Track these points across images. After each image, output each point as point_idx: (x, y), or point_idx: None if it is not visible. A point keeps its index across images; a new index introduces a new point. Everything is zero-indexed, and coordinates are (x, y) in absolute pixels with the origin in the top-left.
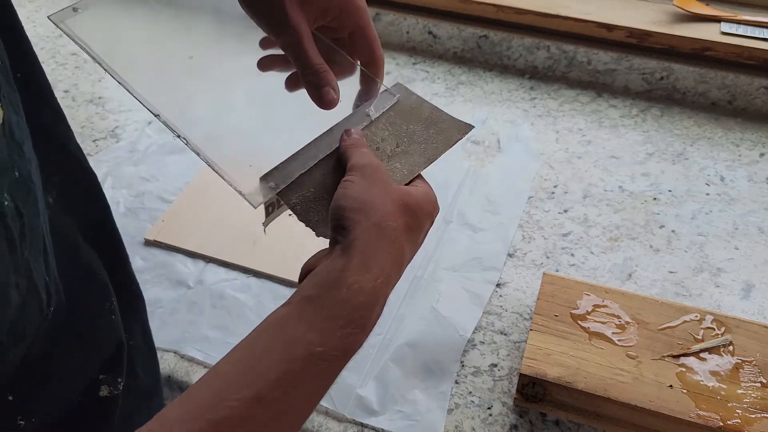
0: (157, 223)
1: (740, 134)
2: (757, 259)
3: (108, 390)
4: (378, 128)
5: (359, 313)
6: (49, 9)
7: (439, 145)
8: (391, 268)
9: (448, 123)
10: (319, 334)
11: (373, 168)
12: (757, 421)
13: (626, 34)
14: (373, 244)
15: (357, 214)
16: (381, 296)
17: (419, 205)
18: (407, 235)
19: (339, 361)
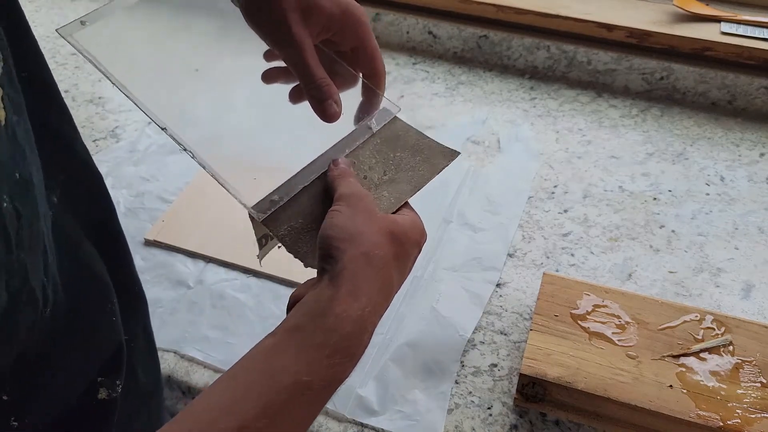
0: (157, 223)
1: (740, 134)
2: (757, 259)
3: (106, 392)
4: (365, 156)
5: (347, 342)
6: (50, 9)
7: (426, 173)
8: (379, 296)
9: (435, 149)
10: (306, 363)
11: (358, 197)
12: (757, 421)
13: (626, 34)
14: (361, 273)
15: (344, 243)
16: (369, 325)
17: (406, 234)
18: (395, 263)
19: (325, 391)
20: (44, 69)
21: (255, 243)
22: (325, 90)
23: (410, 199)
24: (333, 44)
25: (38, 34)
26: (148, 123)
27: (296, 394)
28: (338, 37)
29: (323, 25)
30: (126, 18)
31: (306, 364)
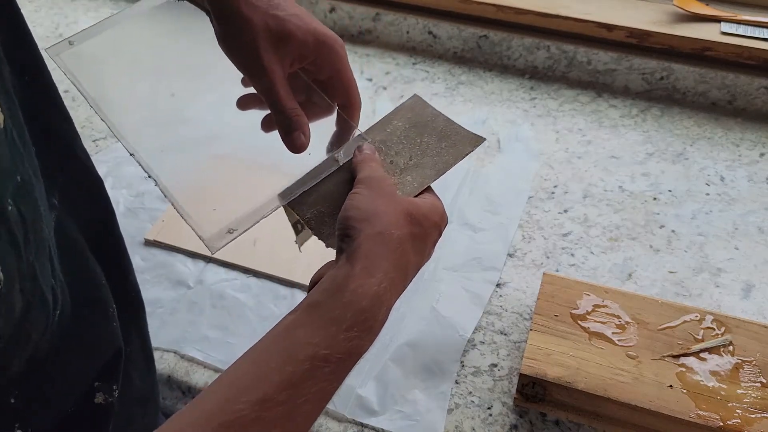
0: (157, 223)
1: (740, 134)
2: (757, 259)
3: (103, 397)
4: (393, 141)
5: (363, 316)
6: (50, 9)
7: (450, 158)
8: (395, 274)
9: (461, 135)
10: (324, 337)
11: (378, 180)
12: (757, 421)
13: (626, 34)
14: (376, 250)
15: (361, 223)
16: (385, 301)
17: (425, 216)
18: (412, 244)
19: (344, 364)
20: (44, 72)
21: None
22: (294, 121)
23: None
24: (309, 73)
25: (38, 34)
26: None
27: (316, 366)
28: (313, 66)
29: (296, 54)
30: (112, 39)
31: (324, 337)
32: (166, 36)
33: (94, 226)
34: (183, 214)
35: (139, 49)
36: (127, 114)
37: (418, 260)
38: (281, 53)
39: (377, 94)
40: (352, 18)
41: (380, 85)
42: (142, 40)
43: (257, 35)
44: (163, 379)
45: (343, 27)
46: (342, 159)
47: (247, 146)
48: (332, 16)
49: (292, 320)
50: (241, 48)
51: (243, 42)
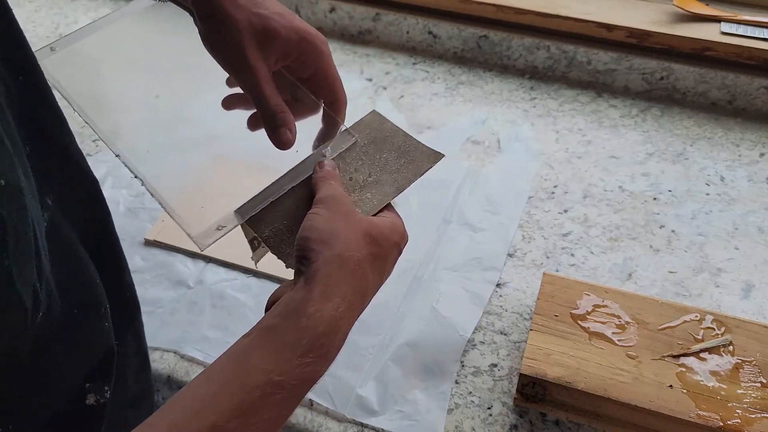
0: (157, 223)
1: (740, 134)
2: (757, 259)
3: (95, 398)
4: (352, 158)
5: (320, 341)
6: (49, 9)
7: (410, 174)
8: (353, 297)
9: (420, 151)
10: (278, 363)
11: (337, 200)
12: (757, 421)
13: (626, 34)
14: (334, 274)
15: (320, 245)
16: (342, 325)
17: (384, 236)
18: (372, 264)
19: (297, 390)
20: (39, 73)
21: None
22: (279, 117)
23: (410, 201)
24: (294, 71)
25: (38, 34)
26: None
27: (268, 393)
28: (297, 64)
29: (280, 52)
30: (95, 43)
31: (278, 363)
32: (150, 38)
33: (89, 227)
34: (171, 213)
35: (123, 51)
36: (112, 116)
37: (377, 281)
38: (266, 51)
39: (377, 94)
40: (352, 18)
41: (380, 85)
42: (126, 43)
43: (242, 33)
44: (163, 379)
45: (343, 27)
46: (330, 154)
47: (235, 146)
48: (332, 16)
49: (247, 344)
50: (225, 46)
51: (228, 40)
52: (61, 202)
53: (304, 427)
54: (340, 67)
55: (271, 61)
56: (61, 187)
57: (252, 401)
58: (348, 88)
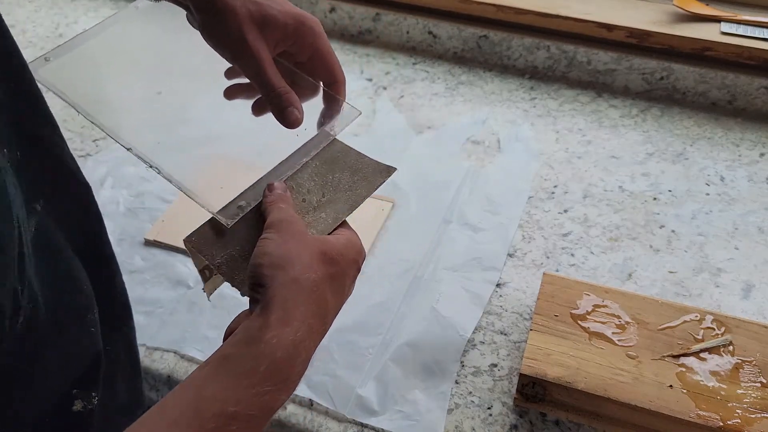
0: (157, 223)
1: (740, 134)
2: (757, 259)
3: (82, 404)
4: (304, 179)
5: (278, 367)
6: (49, 9)
7: (363, 191)
8: (313, 320)
9: (372, 167)
10: (233, 392)
11: (288, 222)
12: (757, 421)
13: (626, 34)
14: (291, 298)
15: (274, 270)
16: (302, 350)
17: (340, 254)
18: (330, 285)
19: (256, 421)
20: (29, 78)
21: (198, 277)
22: (285, 98)
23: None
24: (291, 56)
25: (38, 34)
26: None
27: (223, 424)
28: (295, 48)
29: (279, 37)
30: (92, 49)
31: (233, 392)
32: (148, 39)
33: (80, 232)
34: (191, 195)
35: (122, 54)
36: (117, 114)
37: (336, 300)
38: (265, 36)
39: (377, 94)
40: (352, 18)
41: (380, 85)
42: (124, 46)
43: (241, 20)
44: (163, 379)
45: (343, 27)
46: (336, 131)
47: (242, 130)
48: (332, 16)
49: (203, 374)
50: (226, 36)
51: (228, 28)
52: (51, 208)
53: (304, 427)
54: None
55: (270, 47)
56: (52, 193)
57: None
58: (348, 88)
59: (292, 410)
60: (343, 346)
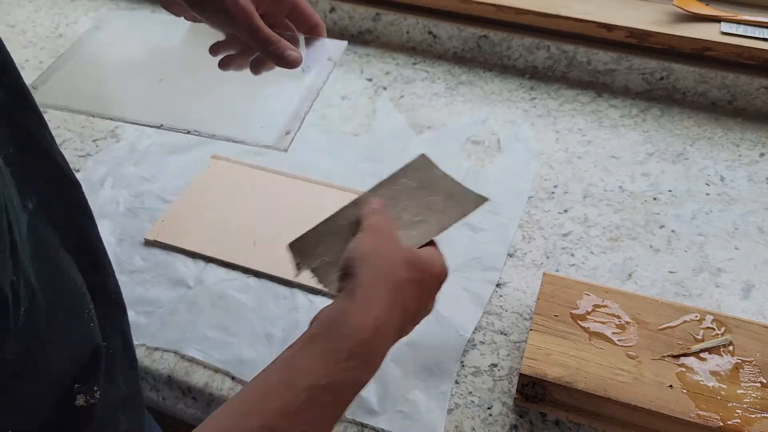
0: (157, 223)
1: (740, 134)
2: (757, 259)
3: (84, 399)
4: (401, 198)
5: (361, 348)
6: (50, 9)
7: (454, 216)
8: (393, 311)
9: (466, 195)
10: (323, 366)
11: (381, 227)
12: (757, 421)
13: (626, 34)
14: (376, 287)
15: (363, 262)
16: (383, 335)
17: (425, 265)
18: (411, 288)
19: (344, 394)
20: (16, 73)
21: (292, 264)
22: (281, 44)
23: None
24: (272, 15)
25: (38, 34)
26: None
27: (314, 395)
28: (275, 6)
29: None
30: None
31: (323, 367)
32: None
33: (70, 230)
34: (239, 139)
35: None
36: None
37: (417, 307)
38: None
39: (377, 94)
40: (352, 18)
41: (380, 85)
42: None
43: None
44: (163, 379)
45: (343, 27)
46: (336, 57)
47: (253, 83)
48: (332, 16)
49: (292, 352)
50: (216, 3)
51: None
52: (41, 205)
53: None
54: (339, 67)
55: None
56: (42, 190)
57: (300, 402)
58: (348, 88)
59: None
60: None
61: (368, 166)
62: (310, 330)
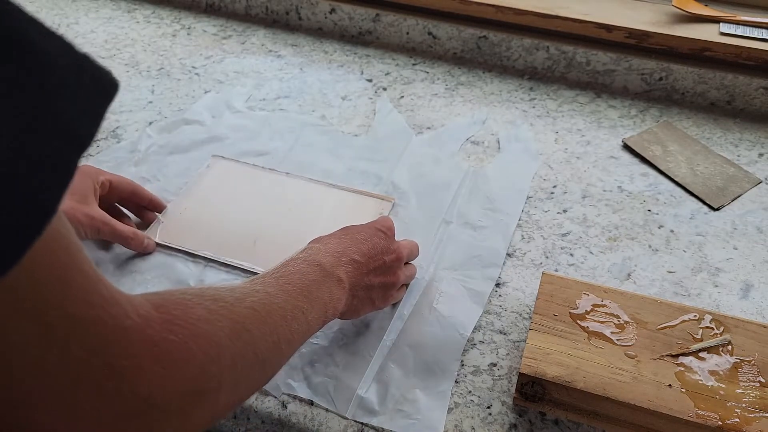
0: (157, 223)
1: (739, 134)
2: (755, 258)
3: None
4: None
5: (317, 259)
6: (50, 9)
7: None
8: (342, 238)
9: None
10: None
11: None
12: (755, 421)
13: (625, 35)
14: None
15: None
16: (332, 252)
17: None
18: (356, 227)
19: (312, 288)
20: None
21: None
22: (137, 239)
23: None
24: (124, 202)
25: None
26: (149, 123)
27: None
28: (119, 194)
29: (112, 194)
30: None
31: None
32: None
33: None
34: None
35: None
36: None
37: (364, 235)
38: (98, 204)
39: (377, 94)
40: (352, 19)
41: (380, 86)
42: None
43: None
44: None
45: (343, 28)
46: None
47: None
48: (332, 16)
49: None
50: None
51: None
52: None
53: (305, 426)
54: (340, 68)
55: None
56: None
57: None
58: (348, 88)
59: (293, 410)
60: (343, 347)
61: (368, 166)
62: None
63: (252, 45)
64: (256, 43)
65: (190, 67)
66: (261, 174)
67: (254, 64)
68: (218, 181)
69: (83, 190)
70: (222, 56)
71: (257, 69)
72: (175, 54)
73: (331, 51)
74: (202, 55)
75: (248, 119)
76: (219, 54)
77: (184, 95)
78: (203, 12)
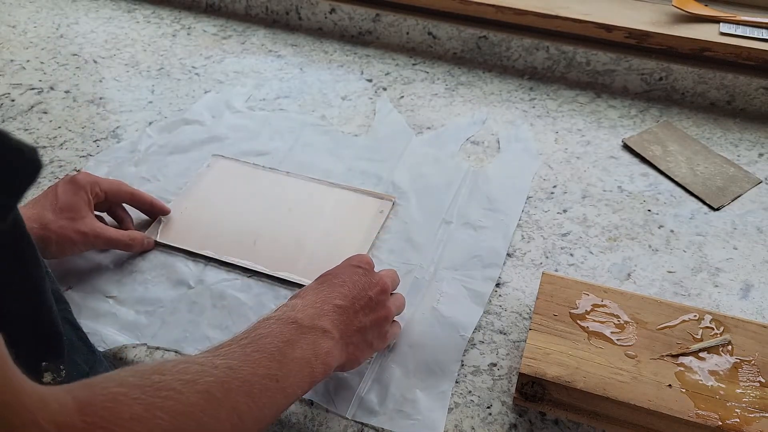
0: (157, 222)
1: (739, 134)
2: (755, 259)
3: (51, 377)
4: None
5: (296, 316)
6: (50, 10)
7: None
8: (320, 293)
9: None
10: (279, 331)
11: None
12: (755, 421)
13: (625, 35)
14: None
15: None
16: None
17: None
18: (333, 271)
19: (295, 345)
20: None
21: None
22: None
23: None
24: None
25: (39, 34)
26: (149, 123)
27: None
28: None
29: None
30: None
31: (280, 332)
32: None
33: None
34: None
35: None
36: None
37: (342, 279)
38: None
39: (377, 94)
40: (352, 19)
41: (380, 86)
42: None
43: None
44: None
45: (343, 28)
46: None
47: None
48: (332, 17)
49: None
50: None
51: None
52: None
53: (305, 426)
54: (340, 68)
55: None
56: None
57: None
58: (348, 88)
59: (293, 410)
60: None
61: (368, 166)
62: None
63: (252, 45)
64: (256, 43)
65: (190, 67)
66: (261, 174)
67: (254, 64)
68: (218, 180)
69: (74, 205)
70: (222, 56)
71: (257, 69)
72: (175, 54)
73: (331, 51)
74: (202, 55)
75: (248, 119)
76: (219, 54)
77: (184, 95)
78: (203, 12)
